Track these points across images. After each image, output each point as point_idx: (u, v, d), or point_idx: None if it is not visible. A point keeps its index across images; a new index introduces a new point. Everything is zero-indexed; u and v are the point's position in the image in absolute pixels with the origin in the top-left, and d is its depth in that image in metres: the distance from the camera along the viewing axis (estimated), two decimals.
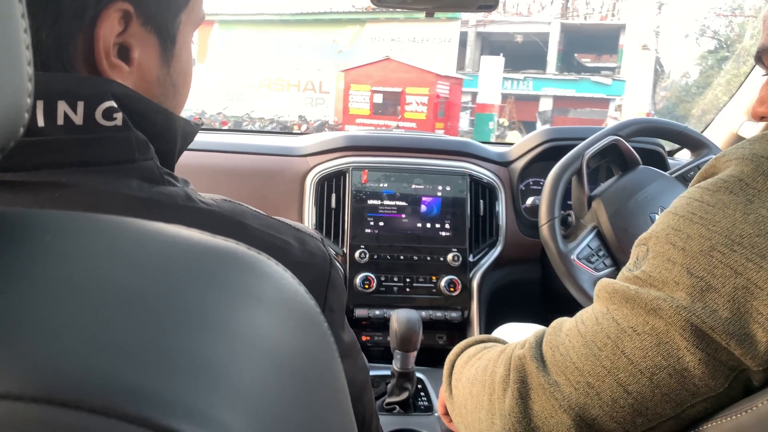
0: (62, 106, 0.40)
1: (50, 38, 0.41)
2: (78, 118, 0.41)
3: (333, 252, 0.54)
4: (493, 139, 12.55)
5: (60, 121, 0.40)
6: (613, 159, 1.22)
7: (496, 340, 0.71)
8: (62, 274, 0.20)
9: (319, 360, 0.26)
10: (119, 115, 0.43)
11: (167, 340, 0.19)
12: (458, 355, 0.70)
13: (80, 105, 0.41)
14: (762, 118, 0.66)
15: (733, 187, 0.45)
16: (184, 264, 0.23)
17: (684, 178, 1.21)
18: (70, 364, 0.17)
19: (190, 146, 0.53)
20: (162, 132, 0.47)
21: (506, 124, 15.42)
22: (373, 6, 1.03)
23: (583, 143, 1.19)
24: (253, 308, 0.23)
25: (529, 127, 16.70)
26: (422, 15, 1.25)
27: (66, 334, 0.18)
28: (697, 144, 1.27)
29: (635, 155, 1.20)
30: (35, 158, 0.40)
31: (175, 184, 0.46)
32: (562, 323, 0.54)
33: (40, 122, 0.40)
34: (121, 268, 0.21)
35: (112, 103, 0.42)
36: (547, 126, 2.09)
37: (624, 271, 0.51)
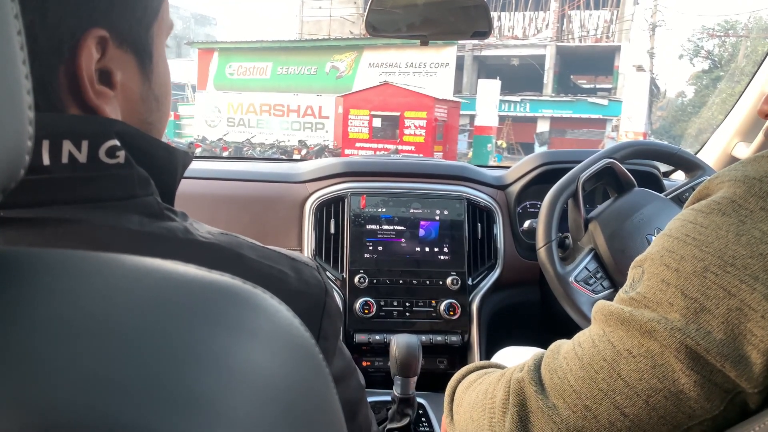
0: (67, 145, 0.41)
1: (32, 77, 0.42)
2: (82, 157, 0.42)
3: (329, 279, 0.55)
4: (491, 161, 12.59)
5: (65, 159, 0.41)
6: (608, 181, 1.23)
7: (497, 366, 0.71)
8: (61, 314, 0.21)
9: (313, 392, 0.26)
10: (122, 153, 0.44)
11: (163, 377, 0.20)
12: (459, 381, 0.70)
13: (84, 144, 0.42)
14: (767, 116, 0.67)
15: (726, 209, 0.46)
16: (180, 300, 0.24)
17: (679, 199, 1.22)
18: (68, 403, 0.18)
19: (191, 175, 0.54)
20: (164, 167, 0.48)
21: (504, 145, 15.51)
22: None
23: (578, 166, 1.20)
24: (248, 342, 0.24)
25: (527, 148, 16.78)
26: (418, 43, 1.27)
27: (64, 373, 0.19)
28: (690, 165, 1.29)
29: (630, 177, 1.21)
30: (41, 195, 0.41)
31: (174, 218, 0.47)
32: (560, 346, 0.55)
33: (46, 161, 0.40)
34: (118, 306, 0.22)
35: (116, 142, 0.43)
36: (544, 148, 2.11)
37: (620, 293, 0.51)
